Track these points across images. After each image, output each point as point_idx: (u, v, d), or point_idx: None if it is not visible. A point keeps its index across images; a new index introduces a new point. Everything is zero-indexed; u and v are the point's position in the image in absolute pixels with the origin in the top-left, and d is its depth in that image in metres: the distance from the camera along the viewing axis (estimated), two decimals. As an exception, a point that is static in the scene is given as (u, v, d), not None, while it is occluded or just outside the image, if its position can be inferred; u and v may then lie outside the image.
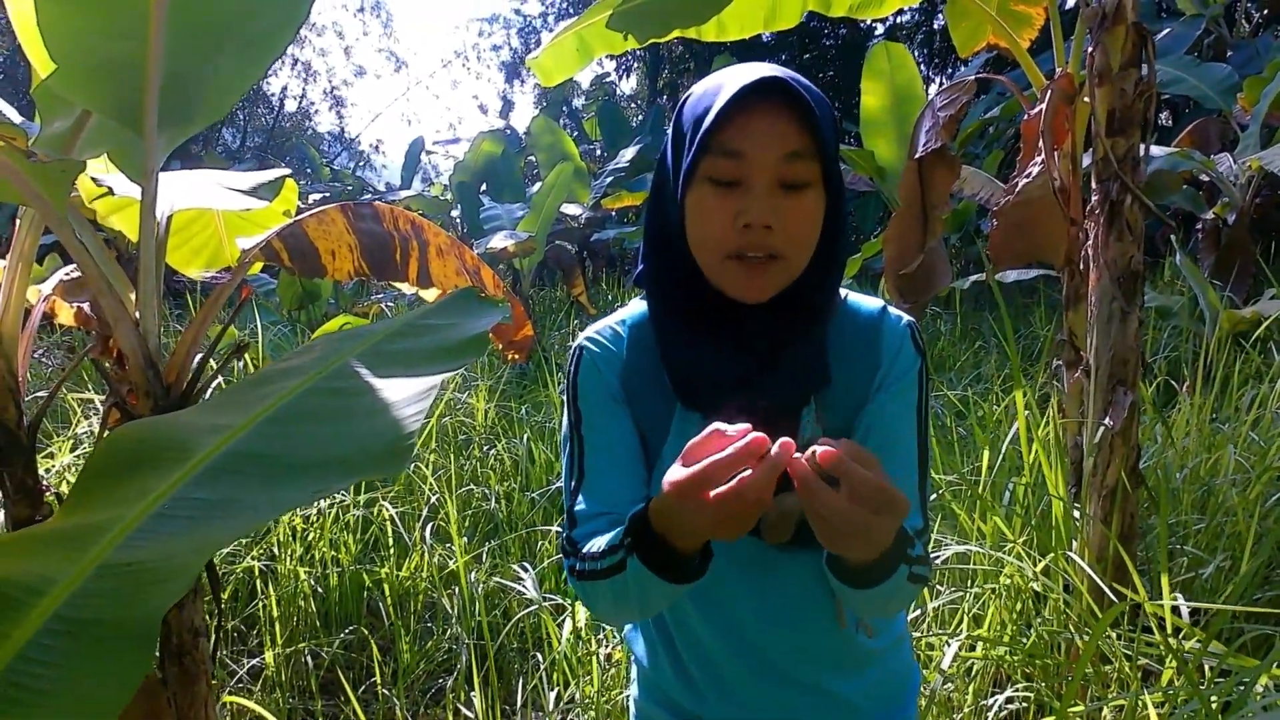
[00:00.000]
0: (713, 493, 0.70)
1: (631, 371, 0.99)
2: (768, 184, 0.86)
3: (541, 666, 2.14)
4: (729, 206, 0.87)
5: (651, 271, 0.98)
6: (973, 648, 1.93)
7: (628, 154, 8.89)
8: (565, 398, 1.01)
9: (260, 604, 2.59)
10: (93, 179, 1.82)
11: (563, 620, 2.20)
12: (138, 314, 1.51)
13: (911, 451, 0.96)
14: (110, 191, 1.82)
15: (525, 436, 3.62)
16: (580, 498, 0.96)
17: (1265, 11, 8.24)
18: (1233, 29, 8.23)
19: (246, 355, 3.75)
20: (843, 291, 1.02)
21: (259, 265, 1.92)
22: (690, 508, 0.72)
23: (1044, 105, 1.98)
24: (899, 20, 15.04)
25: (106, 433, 1.64)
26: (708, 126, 0.85)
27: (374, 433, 0.64)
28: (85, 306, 2.32)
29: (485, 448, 3.79)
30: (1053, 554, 1.85)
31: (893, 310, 1.00)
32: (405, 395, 0.68)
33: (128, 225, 2.10)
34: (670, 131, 0.93)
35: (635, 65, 18.58)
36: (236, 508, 0.59)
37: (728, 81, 0.86)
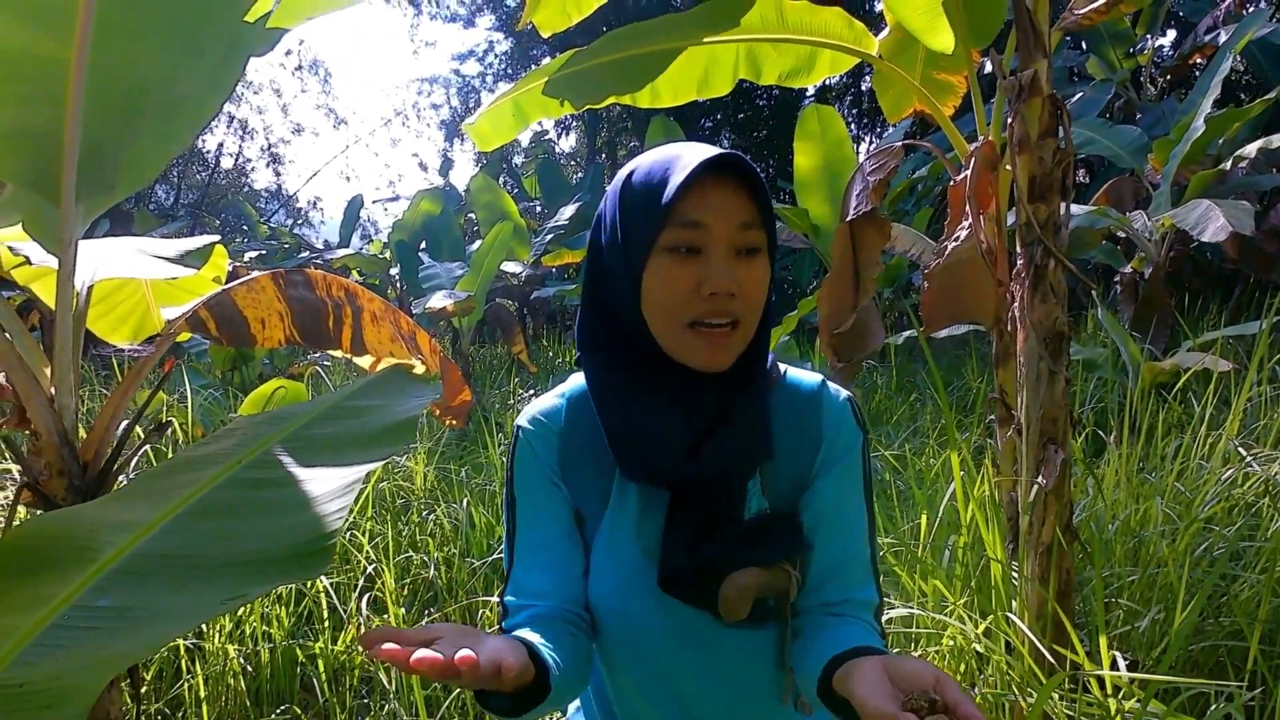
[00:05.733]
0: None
1: (571, 443, 1.00)
2: (727, 252, 0.89)
3: (483, 743, 2.07)
4: (690, 275, 0.89)
5: (592, 343, 0.99)
6: (919, 710, 1.91)
7: (567, 211, 8.95)
8: (505, 475, 1.01)
9: (186, 684, 2.46)
10: (9, 248, 1.76)
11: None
12: (53, 390, 1.45)
13: (863, 529, 0.98)
14: (27, 261, 1.75)
15: (465, 500, 3.55)
16: (509, 588, 0.98)
17: (1168, 77, 8.72)
18: (1140, 93, 8.68)
19: (176, 424, 3.62)
20: (781, 366, 1.03)
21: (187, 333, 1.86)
22: None
23: (968, 172, 2.05)
24: (829, 82, 15.54)
25: (17, 516, 1.55)
26: (668, 199, 0.87)
27: (292, 530, 0.61)
28: (2, 377, 2.22)
29: (424, 512, 3.70)
30: (992, 615, 1.86)
31: (831, 385, 1.02)
32: (328, 489, 0.65)
33: (48, 293, 2.03)
34: (615, 204, 0.94)
35: (574, 124, 18.85)
36: (140, 618, 0.55)
37: (679, 159, 0.89)
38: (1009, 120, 1.89)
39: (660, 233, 0.88)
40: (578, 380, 1.03)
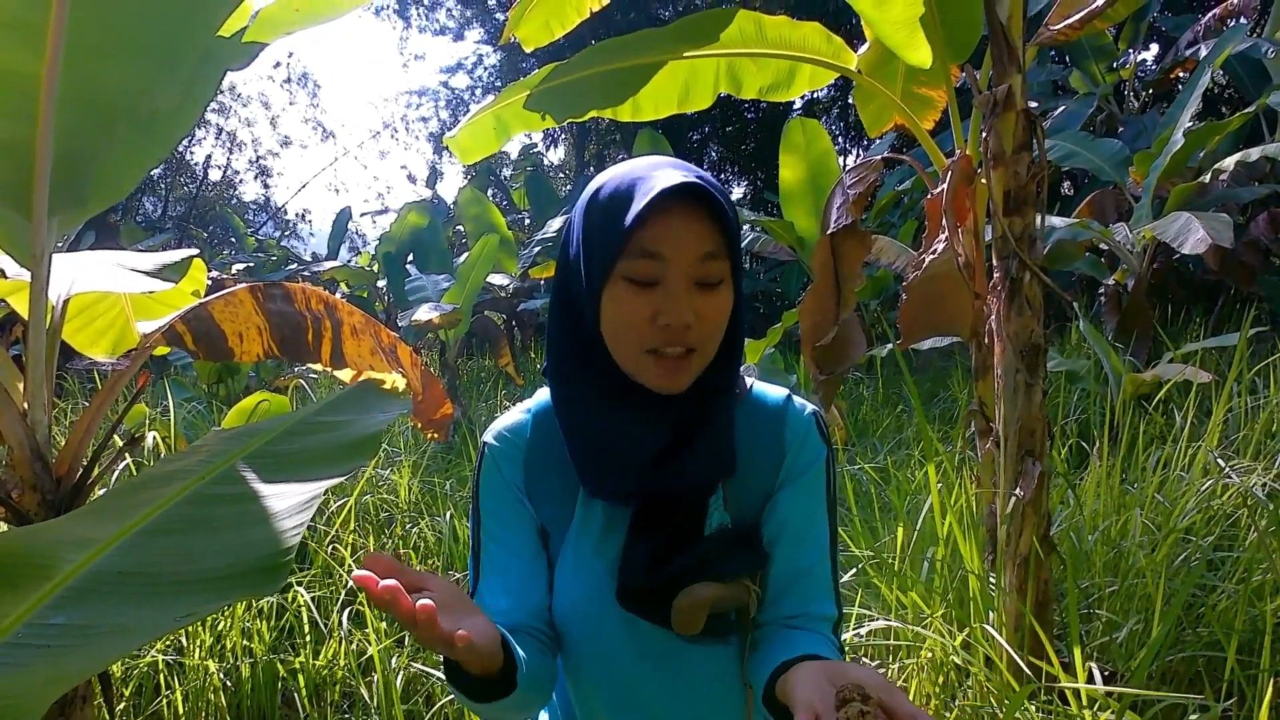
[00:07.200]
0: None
1: (537, 459, 0.99)
2: (685, 284, 0.87)
3: (463, 758, 2.06)
4: (647, 305, 0.87)
5: (558, 359, 0.98)
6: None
7: (555, 223, 8.95)
8: (471, 492, 1.00)
9: (165, 700, 2.44)
10: (-16, 261, 1.75)
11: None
12: (25, 404, 1.44)
13: (825, 542, 0.98)
14: (2, 274, 1.75)
15: (449, 514, 3.53)
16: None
17: (1150, 91, 8.81)
18: (1122, 106, 8.76)
19: (159, 438, 3.59)
20: (748, 380, 1.03)
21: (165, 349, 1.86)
22: None
23: (945, 185, 2.06)
24: (816, 96, 15.64)
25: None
26: (628, 226, 0.84)
27: (248, 547, 0.61)
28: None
29: (408, 525, 3.69)
30: (970, 628, 1.86)
31: (797, 400, 1.02)
32: (288, 505, 0.66)
33: (25, 307, 2.02)
34: (581, 221, 0.92)
35: (562, 136, 18.88)
36: (93, 636, 0.55)
37: (643, 181, 0.86)
38: (984, 134, 1.91)
39: (619, 260, 0.86)
40: (544, 395, 1.03)
